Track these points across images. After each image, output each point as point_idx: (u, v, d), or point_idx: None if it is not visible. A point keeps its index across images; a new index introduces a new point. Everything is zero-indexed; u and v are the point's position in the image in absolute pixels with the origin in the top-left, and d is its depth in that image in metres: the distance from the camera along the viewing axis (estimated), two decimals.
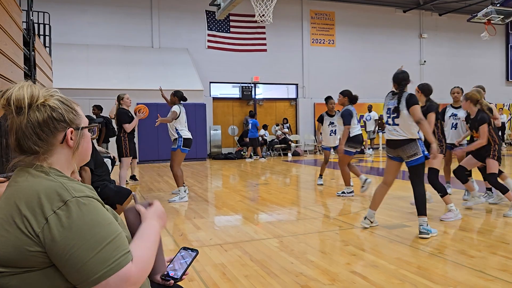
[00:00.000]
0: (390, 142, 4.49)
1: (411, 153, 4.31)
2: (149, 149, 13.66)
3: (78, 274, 1.08)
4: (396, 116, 4.38)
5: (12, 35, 4.95)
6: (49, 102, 1.20)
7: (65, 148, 1.24)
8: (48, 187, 1.13)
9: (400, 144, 4.37)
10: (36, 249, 1.08)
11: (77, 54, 13.64)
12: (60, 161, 1.23)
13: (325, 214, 5.44)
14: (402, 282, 3.05)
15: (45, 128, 1.19)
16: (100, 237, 1.11)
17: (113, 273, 1.09)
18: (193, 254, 1.51)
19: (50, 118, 1.19)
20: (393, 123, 4.42)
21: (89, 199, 1.15)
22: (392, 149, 4.48)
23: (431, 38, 19.22)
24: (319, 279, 3.15)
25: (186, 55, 15.23)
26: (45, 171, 1.18)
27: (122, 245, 1.14)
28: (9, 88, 1.19)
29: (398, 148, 4.41)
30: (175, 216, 5.54)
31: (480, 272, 3.23)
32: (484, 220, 5.01)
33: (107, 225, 1.15)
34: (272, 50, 16.52)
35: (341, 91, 7.21)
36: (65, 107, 1.23)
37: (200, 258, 3.72)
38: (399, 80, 4.42)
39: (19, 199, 1.13)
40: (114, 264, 1.10)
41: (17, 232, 1.09)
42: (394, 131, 4.42)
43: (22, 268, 1.09)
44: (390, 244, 4.06)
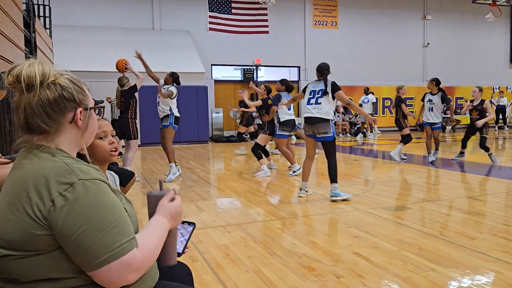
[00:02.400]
0: (309, 119, 5.23)
1: (323, 131, 5.13)
2: (151, 131, 13.65)
3: (82, 256, 1.09)
4: (320, 96, 5.17)
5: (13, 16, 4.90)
6: (59, 81, 1.19)
7: (73, 128, 1.23)
8: (54, 169, 1.12)
9: (316, 122, 5.15)
10: (43, 233, 1.08)
11: (77, 36, 13.52)
12: (67, 141, 1.22)
13: (327, 196, 5.45)
14: (404, 263, 3.08)
15: (55, 107, 1.18)
16: (106, 220, 1.10)
17: (116, 258, 1.09)
18: (190, 228, 1.50)
19: (61, 97, 1.18)
20: (315, 102, 5.21)
21: (95, 181, 1.14)
22: (309, 125, 5.24)
23: (435, 19, 18.98)
24: (321, 260, 3.17)
25: (187, 37, 15.10)
26: (51, 152, 1.17)
27: (127, 231, 1.14)
28: (16, 66, 1.17)
29: (314, 125, 5.17)
30: None
31: (481, 253, 3.25)
32: (486, 202, 5.02)
33: (113, 209, 1.14)
34: (274, 32, 16.36)
35: (280, 79, 7.56)
36: (75, 87, 1.22)
37: (204, 239, 3.75)
38: (322, 70, 5.30)
39: (25, 182, 1.12)
40: (118, 250, 1.10)
41: (24, 216, 1.09)
42: (315, 110, 5.17)
43: (30, 251, 1.09)
44: (392, 226, 4.09)
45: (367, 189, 5.91)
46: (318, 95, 5.21)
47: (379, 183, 6.39)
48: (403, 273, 2.88)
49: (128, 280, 1.13)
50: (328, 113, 5.16)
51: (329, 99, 5.15)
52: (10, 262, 1.10)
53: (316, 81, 5.36)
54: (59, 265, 1.11)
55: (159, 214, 1.30)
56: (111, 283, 1.11)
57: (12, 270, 1.11)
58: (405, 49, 18.49)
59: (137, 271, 1.14)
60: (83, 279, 1.13)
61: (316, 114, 5.15)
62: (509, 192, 5.60)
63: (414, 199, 5.24)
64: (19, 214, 1.09)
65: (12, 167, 1.20)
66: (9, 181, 1.17)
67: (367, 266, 3.02)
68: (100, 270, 1.08)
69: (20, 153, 1.20)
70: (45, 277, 1.11)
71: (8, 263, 1.11)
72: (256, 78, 16.42)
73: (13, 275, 1.12)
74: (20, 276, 1.12)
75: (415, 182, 6.55)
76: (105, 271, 1.09)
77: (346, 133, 16.25)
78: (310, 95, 5.30)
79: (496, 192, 5.55)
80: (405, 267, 3.00)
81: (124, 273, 1.11)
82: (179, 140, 13.90)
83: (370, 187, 6.06)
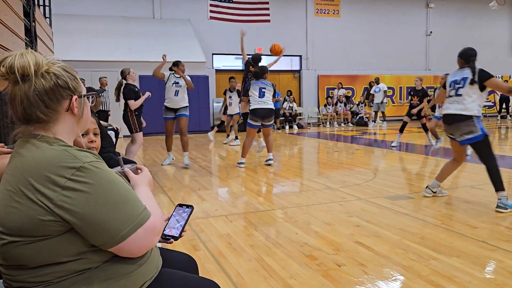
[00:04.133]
0: (447, 118, 4.38)
1: (466, 131, 4.23)
2: (152, 121, 13.64)
3: (106, 233, 1.12)
4: (462, 86, 4.28)
5: (12, 5, 4.86)
6: (53, 70, 1.19)
7: (69, 116, 1.23)
8: (55, 157, 1.13)
9: (454, 120, 4.30)
10: (50, 219, 1.09)
11: (77, 25, 13.44)
12: (64, 129, 1.23)
13: (329, 186, 5.46)
14: (406, 251, 3.08)
15: (52, 96, 1.18)
16: (120, 196, 1.15)
17: (140, 225, 1.16)
18: (188, 210, 1.51)
19: (56, 85, 1.18)
20: (455, 94, 4.33)
21: (98, 163, 1.17)
22: (447, 125, 4.39)
23: (438, 8, 18.81)
24: (323, 249, 3.18)
25: (188, 26, 15.00)
26: (48, 140, 1.17)
27: (140, 202, 1.21)
28: (8, 56, 1.16)
29: (452, 126, 4.35)
30: (180, 188, 5.58)
31: (483, 242, 3.26)
32: (488, 192, 5.02)
33: (123, 184, 1.19)
34: (276, 21, 16.22)
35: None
36: (68, 75, 1.22)
37: (206, 228, 3.77)
38: (467, 56, 4.37)
39: (25, 170, 1.12)
40: (140, 218, 1.17)
41: (28, 203, 1.09)
42: (453, 104, 4.33)
43: (36, 237, 1.10)
44: (394, 215, 4.09)
45: (369, 178, 5.91)
46: (459, 85, 4.29)
47: (381, 172, 6.39)
48: (405, 262, 2.89)
49: (153, 242, 1.21)
50: (470, 108, 4.19)
51: (474, 90, 4.19)
52: (15, 248, 1.11)
53: (458, 70, 4.43)
54: (66, 249, 1.13)
55: (139, 185, 1.37)
56: (140, 249, 1.19)
57: (18, 257, 1.12)
58: (408, 38, 18.36)
59: (158, 234, 1.23)
60: (90, 261, 1.15)
61: (454, 110, 4.26)
62: (510, 182, 5.59)
63: (416, 189, 5.24)
64: (23, 201, 1.10)
65: (10, 157, 1.20)
66: (8, 170, 1.18)
67: (369, 255, 3.03)
68: (128, 240, 1.14)
69: (18, 143, 1.20)
70: (52, 261, 1.12)
71: (13, 249, 1.11)
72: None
73: (19, 262, 1.13)
74: (27, 262, 1.12)
75: (417, 171, 6.55)
76: (133, 239, 1.15)
77: (347, 123, 16.22)
78: (450, 86, 4.39)
79: None
80: (407, 256, 3.01)
81: (150, 237, 1.19)
82: None
83: (371, 176, 6.06)
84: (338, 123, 16.26)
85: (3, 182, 1.17)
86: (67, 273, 1.14)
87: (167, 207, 4.55)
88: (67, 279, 1.14)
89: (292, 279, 2.67)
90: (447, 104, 4.40)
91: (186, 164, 7.10)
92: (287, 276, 2.71)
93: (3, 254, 1.14)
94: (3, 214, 1.12)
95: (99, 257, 1.16)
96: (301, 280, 2.65)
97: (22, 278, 1.14)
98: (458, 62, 4.45)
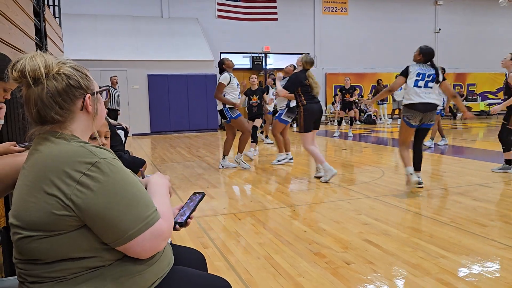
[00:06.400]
0: (422, 105, 4.82)
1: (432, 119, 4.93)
2: (161, 120, 13.72)
3: (115, 230, 1.13)
4: (431, 81, 4.86)
5: (22, 5, 4.91)
6: (63, 70, 1.20)
7: (84, 114, 1.25)
8: (72, 151, 1.15)
9: (431, 108, 4.83)
10: (64, 213, 1.11)
11: (85, 25, 13.54)
12: (80, 127, 1.25)
13: (337, 184, 5.46)
14: (415, 250, 3.08)
15: (65, 97, 1.19)
16: (132, 194, 1.17)
17: (148, 227, 1.17)
18: (198, 198, 1.51)
19: (68, 86, 1.20)
20: (425, 86, 4.85)
21: (114, 160, 1.19)
22: (421, 112, 4.82)
23: (447, 5, 18.65)
24: (332, 246, 3.19)
25: (196, 24, 15.04)
26: (65, 137, 1.19)
27: (151, 202, 1.22)
28: (19, 60, 1.18)
29: (427, 113, 4.83)
30: (189, 186, 5.61)
31: (493, 240, 3.24)
32: (497, 190, 4.99)
33: (136, 184, 1.20)
34: (283, 19, 16.21)
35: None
36: (79, 74, 1.23)
37: (215, 226, 3.79)
38: (432, 56, 5.10)
39: (44, 165, 1.14)
40: (149, 219, 1.17)
41: (46, 197, 1.11)
42: (426, 95, 4.84)
43: (51, 232, 1.12)
44: (403, 213, 4.08)
45: (377, 176, 5.90)
46: (428, 79, 4.86)
47: (389, 170, 6.37)
48: (414, 260, 2.89)
49: (160, 246, 1.21)
50: (438, 100, 4.96)
51: (436, 86, 4.90)
52: (31, 243, 1.13)
53: (422, 65, 4.98)
54: (79, 245, 1.14)
55: (150, 181, 1.40)
56: (146, 252, 1.19)
57: (34, 251, 1.14)
58: (416, 35, 18.20)
59: (166, 239, 1.22)
60: (102, 259, 1.17)
61: (431, 99, 4.83)
62: None
63: (424, 187, 5.22)
64: (41, 196, 1.12)
65: (28, 153, 1.22)
66: (27, 166, 1.20)
67: (377, 253, 3.03)
68: (135, 241, 1.15)
69: (36, 140, 1.22)
70: (66, 257, 1.14)
71: (29, 244, 1.14)
72: (265, 66, 16.33)
73: (34, 256, 1.15)
74: (41, 257, 1.15)
75: (425, 169, 6.52)
76: (139, 241, 1.15)
77: (355, 121, 16.15)
78: (418, 77, 4.88)
79: (507, 180, 5.50)
80: (416, 254, 3.00)
81: (157, 240, 1.19)
82: (188, 128, 13.97)
83: (380, 174, 6.04)
84: (346, 121, 16.20)
85: (21, 178, 1.19)
86: (81, 270, 1.15)
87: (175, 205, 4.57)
88: (80, 276, 1.15)
89: (301, 277, 2.68)
90: (421, 94, 4.82)
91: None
92: (296, 274, 2.72)
93: (18, 248, 1.16)
94: (21, 209, 1.14)
95: (111, 255, 1.18)
96: (310, 278, 2.66)
97: (36, 273, 1.16)
98: (418, 56, 5.05)
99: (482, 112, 18.47)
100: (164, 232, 1.20)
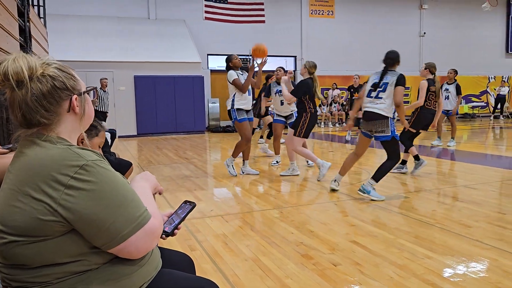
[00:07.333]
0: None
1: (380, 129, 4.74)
2: (147, 122, 13.62)
3: (107, 233, 1.12)
4: (383, 90, 4.70)
5: (6, 4, 4.84)
6: (48, 72, 1.17)
7: (72, 115, 1.23)
8: (59, 155, 1.13)
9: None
10: (51, 218, 1.09)
11: (71, 26, 13.40)
12: (67, 129, 1.22)
13: (324, 186, 5.48)
14: (401, 251, 3.11)
15: (50, 99, 1.17)
16: (122, 196, 1.15)
17: (141, 227, 1.16)
18: (188, 207, 1.49)
19: (54, 87, 1.17)
20: (376, 96, 4.74)
21: (102, 161, 1.17)
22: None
23: (432, 9, 18.93)
24: (319, 248, 3.20)
25: (183, 26, 14.99)
26: (51, 140, 1.17)
27: (141, 202, 1.21)
28: (1, 63, 1.14)
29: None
30: (176, 188, 5.58)
31: (477, 241, 3.29)
32: (482, 191, 5.06)
33: (125, 184, 1.19)
34: (271, 21, 16.26)
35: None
36: (64, 75, 1.20)
37: (202, 228, 3.77)
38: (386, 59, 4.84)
39: (30, 169, 1.12)
40: (141, 219, 1.17)
41: (32, 202, 1.09)
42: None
43: (37, 237, 1.10)
44: (389, 215, 4.12)
45: (363, 178, 5.94)
46: (380, 88, 4.71)
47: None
48: (400, 261, 2.91)
49: (153, 245, 1.21)
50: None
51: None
52: (16, 248, 1.11)
53: (377, 73, 4.84)
54: (66, 250, 1.13)
55: (134, 182, 1.38)
56: (139, 252, 1.19)
57: (19, 256, 1.12)
58: (402, 39, 18.45)
59: (157, 237, 1.23)
60: (90, 263, 1.16)
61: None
62: (504, 181, 5.64)
63: (410, 188, 5.27)
64: (27, 201, 1.10)
65: (14, 156, 1.20)
66: (12, 169, 1.17)
67: (364, 254, 3.06)
68: (128, 242, 1.14)
69: (21, 142, 1.19)
70: (52, 262, 1.12)
71: (14, 249, 1.11)
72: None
73: (19, 261, 1.13)
74: (27, 262, 1.13)
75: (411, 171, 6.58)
76: (132, 241, 1.15)
77: (342, 123, 16.27)
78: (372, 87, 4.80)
79: (491, 181, 5.59)
80: (402, 255, 3.03)
81: (149, 239, 1.18)
82: (175, 130, 13.91)
83: (366, 176, 6.09)
84: (333, 124, 16.32)
85: (6, 181, 1.17)
86: (67, 274, 1.14)
87: (163, 208, 4.54)
88: (66, 280, 1.14)
89: (289, 278, 2.68)
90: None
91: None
92: (284, 276, 2.72)
93: (3, 253, 1.14)
94: (5, 214, 1.12)
95: (99, 258, 1.16)
96: (297, 280, 2.66)
97: (21, 278, 1.14)
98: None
99: (466, 114, 18.78)
100: (156, 230, 1.20)
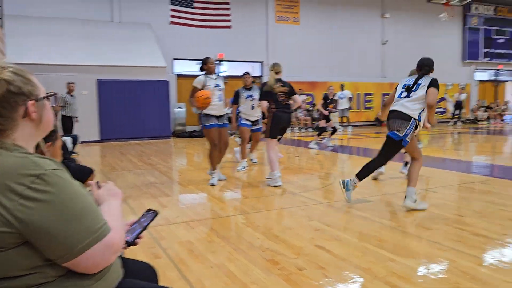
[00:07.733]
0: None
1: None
2: (111, 127, 13.32)
3: (63, 245, 1.07)
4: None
5: None
6: (3, 76, 1.13)
7: (28, 121, 1.18)
8: (14, 163, 1.08)
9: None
10: (4, 230, 1.04)
11: (32, 27, 12.92)
12: (24, 136, 1.18)
13: (290, 190, 5.52)
14: (364, 254, 3.17)
15: (4, 104, 1.12)
16: (80, 207, 1.11)
17: (98, 240, 1.11)
18: (151, 216, 1.46)
19: (8, 92, 1.12)
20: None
21: (60, 171, 1.12)
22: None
23: (393, 17, 19.53)
24: (285, 253, 3.22)
25: (148, 30, 14.78)
26: (7, 147, 1.12)
27: (100, 215, 1.16)
28: None
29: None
30: (140, 194, 5.47)
31: (437, 243, 3.40)
32: (441, 194, 5.24)
33: (84, 196, 1.14)
34: (237, 27, 16.30)
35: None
36: (21, 79, 1.16)
37: (167, 235, 3.71)
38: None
39: None
40: (98, 232, 1.12)
41: None
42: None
43: None
44: (353, 219, 4.19)
45: (329, 183, 6.03)
46: (413, 89, 4.57)
47: (340, 176, 6.52)
48: (364, 264, 2.96)
49: (111, 260, 1.16)
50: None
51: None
52: None
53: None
54: (20, 263, 1.08)
55: (103, 201, 1.32)
56: (96, 266, 1.13)
57: None
58: (365, 46, 18.94)
59: (117, 252, 1.17)
60: (46, 276, 1.11)
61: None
62: (461, 184, 5.87)
63: (374, 192, 5.39)
64: None
65: None
66: None
67: (329, 258, 3.09)
68: (84, 255, 1.09)
69: None
70: (5, 275, 1.08)
71: None
72: (219, 73, 16.31)
73: None
74: None
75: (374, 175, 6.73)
76: (89, 255, 1.10)
77: (307, 129, 16.48)
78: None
79: (449, 184, 5.80)
80: (366, 258, 3.09)
81: (107, 254, 1.13)
82: (140, 136, 13.66)
83: (331, 181, 6.18)
84: (299, 129, 16.50)
85: None
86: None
87: (126, 216, 4.45)
88: None
89: (254, 284, 2.68)
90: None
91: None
92: (249, 282, 2.71)
93: None
94: None
95: (55, 271, 1.12)
96: (263, 285, 2.66)
97: None
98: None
99: None
100: (115, 245, 1.15)
